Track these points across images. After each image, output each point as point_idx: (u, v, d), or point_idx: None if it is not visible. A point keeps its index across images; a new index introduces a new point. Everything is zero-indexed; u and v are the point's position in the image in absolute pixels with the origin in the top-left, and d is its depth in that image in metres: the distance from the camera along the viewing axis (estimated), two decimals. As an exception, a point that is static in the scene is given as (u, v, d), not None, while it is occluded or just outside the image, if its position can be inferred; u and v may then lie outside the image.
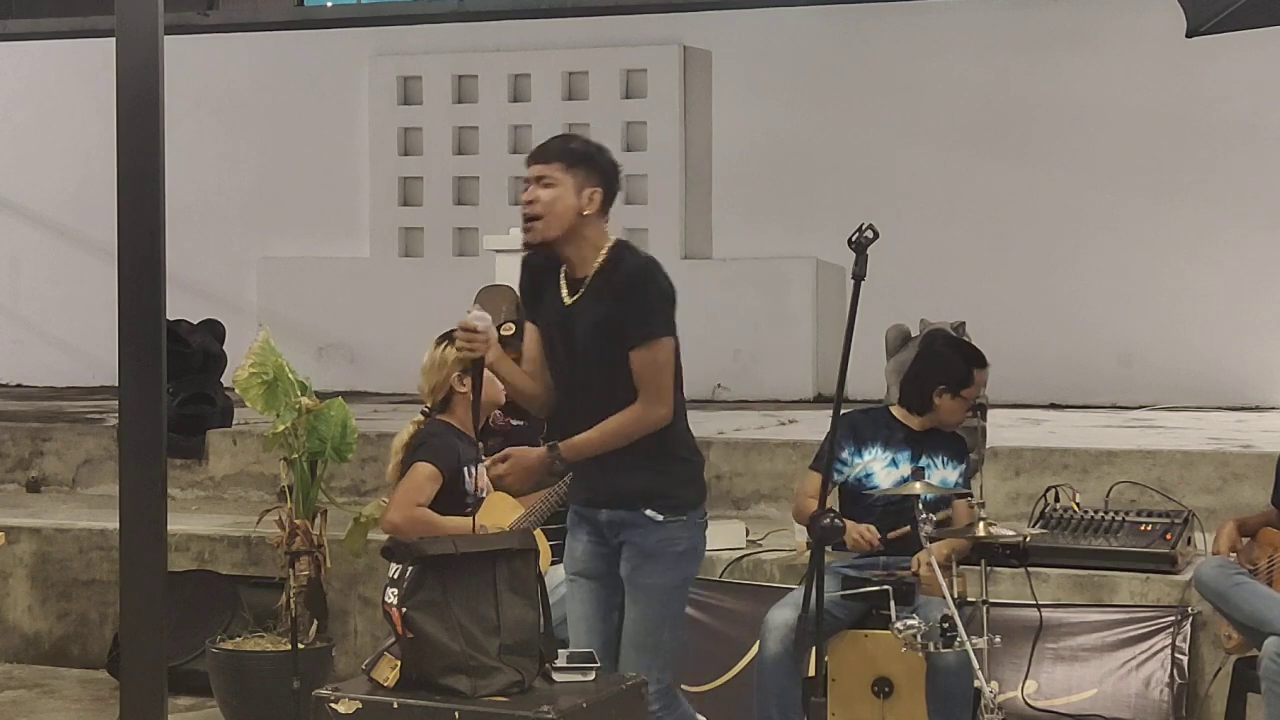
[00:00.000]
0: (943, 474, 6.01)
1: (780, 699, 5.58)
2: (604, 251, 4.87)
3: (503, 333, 6.61)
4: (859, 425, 6.04)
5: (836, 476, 5.90)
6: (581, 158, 4.87)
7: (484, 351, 4.79)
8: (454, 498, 5.96)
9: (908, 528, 5.64)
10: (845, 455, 5.97)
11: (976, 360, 6.13)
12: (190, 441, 8.97)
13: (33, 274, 13.57)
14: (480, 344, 4.79)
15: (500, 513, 6.25)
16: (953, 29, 11.63)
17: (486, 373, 4.92)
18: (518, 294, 9.11)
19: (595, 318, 4.78)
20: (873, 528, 5.82)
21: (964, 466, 6.09)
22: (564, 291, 4.89)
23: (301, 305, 12.61)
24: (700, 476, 5.01)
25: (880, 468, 5.99)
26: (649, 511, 4.83)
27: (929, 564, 5.45)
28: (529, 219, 4.90)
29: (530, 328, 5.03)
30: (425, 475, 5.95)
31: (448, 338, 6.05)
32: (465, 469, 6.01)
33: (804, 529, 6.06)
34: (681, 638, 5.00)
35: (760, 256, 11.84)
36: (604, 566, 4.93)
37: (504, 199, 12.56)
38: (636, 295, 4.79)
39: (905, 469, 5.93)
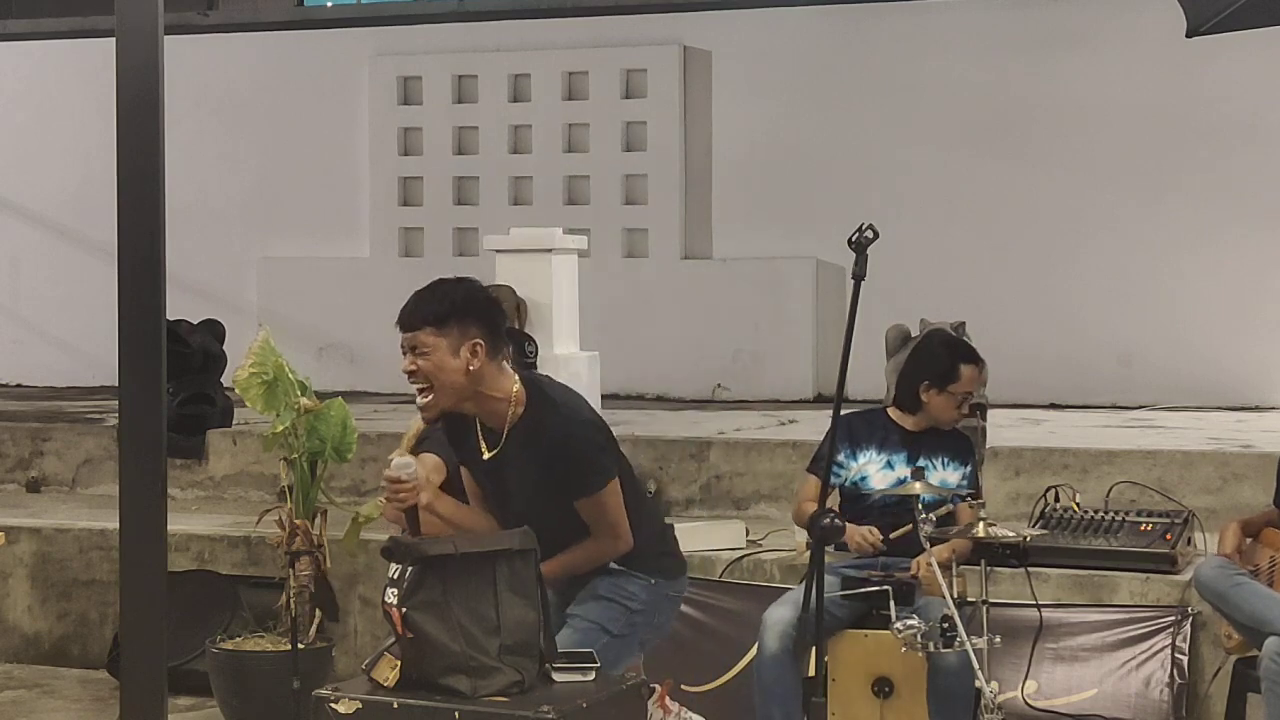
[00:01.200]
0: (942, 475, 5.99)
1: (780, 697, 5.58)
2: (514, 403, 4.62)
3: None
4: (855, 427, 6.02)
5: (834, 479, 5.89)
6: (448, 312, 4.57)
7: (414, 500, 4.58)
8: (455, 494, 5.95)
9: (909, 525, 5.63)
10: (841, 458, 5.96)
11: (963, 355, 6.07)
12: (190, 441, 8.97)
13: (33, 274, 13.58)
14: (409, 494, 4.57)
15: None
16: (953, 29, 11.63)
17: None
18: (517, 295, 9.18)
19: (525, 474, 4.65)
20: (875, 529, 5.80)
21: (967, 468, 6.05)
22: (482, 445, 4.69)
23: (301, 305, 12.61)
24: (673, 548, 4.94)
25: (875, 470, 5.97)
26: (613, 564, 4.79)
27: (929, 565, 5.44)
28: (419, 391, 4.62)
29: (464, 469, 4.85)
30: (430, 466, 5.91)
31: None
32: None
33: (804, 529, 6.06)
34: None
35: (760, 256, 11.84)
36: (562, 601, 4.86)
37: (504, 199, 12.56)
38: (568, 458, 4.59)
39: (901, 471, 5.91)
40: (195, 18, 13.23)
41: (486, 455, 4.70)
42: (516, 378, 4.66)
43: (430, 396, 4.60)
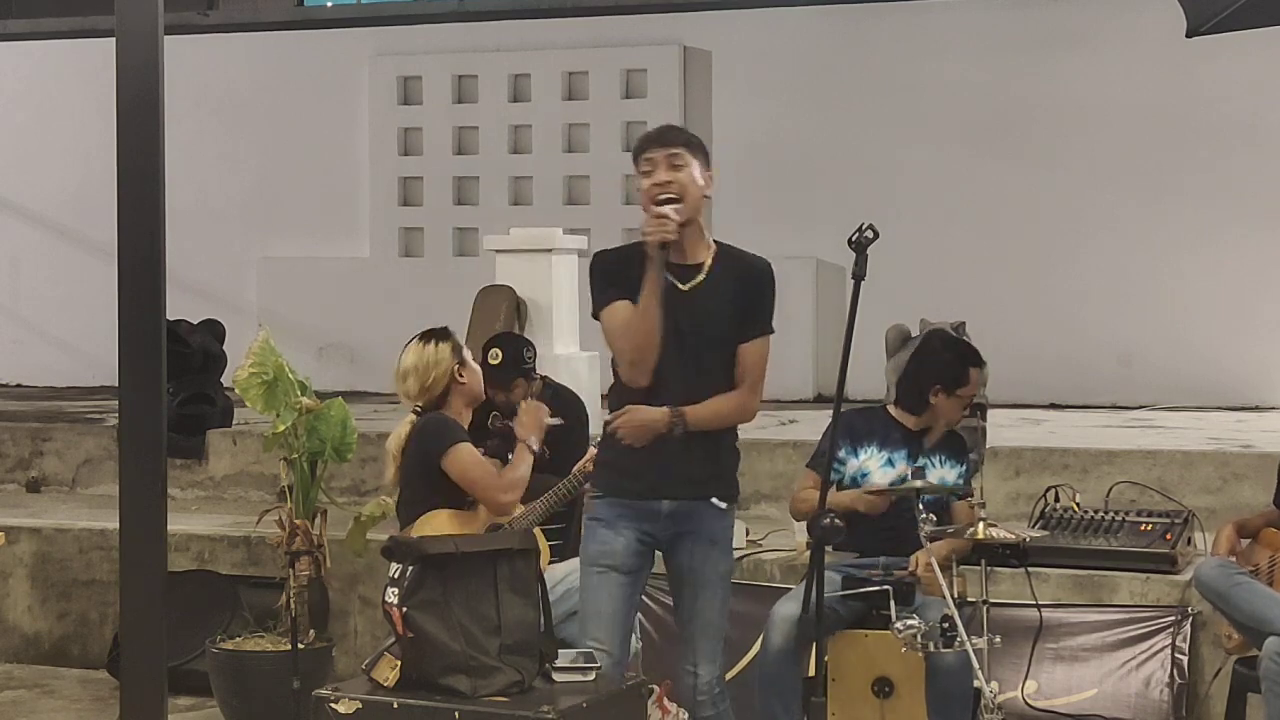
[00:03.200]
0: (940, 473, 6.00)
1: (783, 693, 5.58)
2: (710, 242, 4.99)
3: (490, 360, 6.61)
4: (855, 425, 6.03)
5: (833, 476, 5.89)
6: (699, 144, 4.96)
7: (674, 235, 4.81)
8: (456, 487, 5.95)
9: (915, 482, 5.64)
10: (842, 454, 5.96)
11: (972, 359, 6.11)
12: (190, 441, 8.97)
13: (33, 274, 13.58)
14: (672, 226, 4.80)
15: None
16: (953, 29, 11.64)
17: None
18: (517, 295, 9.17)
19: (718, 305, 4.88)
20: (875, 498, 5.82)
21: (963, 466, 6.08)
22: (673, 278, 4.87)
23: (301, 305, 12.61)
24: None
25: (876, 467, 5.98)
26: (714, 499, 4.93)
27: (929, 564, 5.44)
28: (667, 201, 4.83)
29: (622, 304, 4.88)
30: (474, 454, 5.93)
31: (432, 335, 6.06)
32: None
33: (804, 529, 6.06)
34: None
35: (760, 256, 11.82)
36: (640, 563, 4.94)
37: (504, 199, 12.57)
38: (762, 290, 4.98)
39: (902, 468, 5.92)
40: (195, 18, 13.23)
41: (684, 287, 4.89)
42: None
43: (680, 205, 4.83)
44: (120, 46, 5.51)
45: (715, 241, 5.01)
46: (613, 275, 4.93)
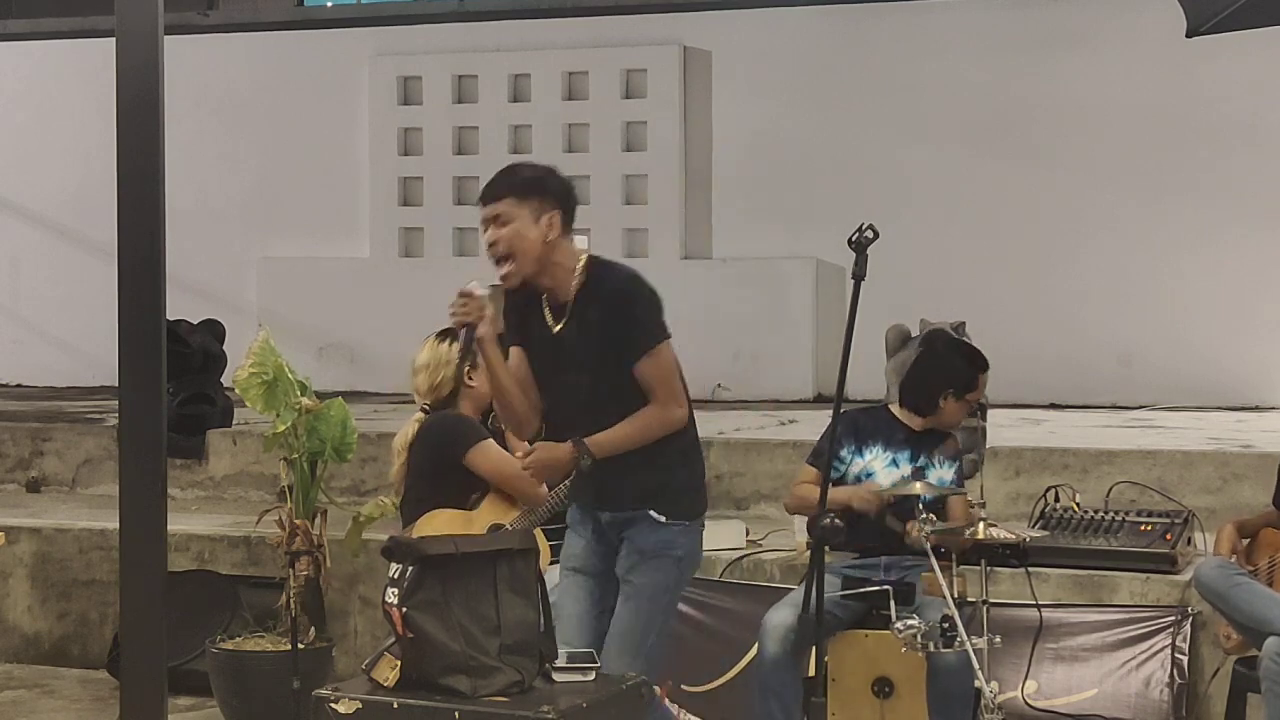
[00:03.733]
0: (940, 473, 6.03)
1: (781, 699, 5.58)
2: (578, 272, 4.84)
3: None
4: (860, 424, 6.05)
5: (834, 474, 5.90)
6: (530, 186, 4.82)
7: (476, 318, 4.74)
8: (462, 486, 5.96)
9: (915, 484, 5.66)
10: (845, 453, 5.98)
11: (980, 363, 6.15)
12: (190, 441, 8.97)
13: (33, 274, 13.57)
14: (474, 308, 4.74)
15: (501, 510, 6.24)
16: (953, 29, 11.63)
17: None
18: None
19: (588, 341, 4.78)
20: (871, 485, 5.84)
21: (957, 464, 6.11)
22: (548, 319, 4.85)
23: (301, 305, 12.61)
24: (702, 484, 5.03)
25: (881, 467, 6.00)
26: (652, 512, 4.85)
27: (918, 537, 5.47)
28: (498, 260, 4.80)
29: (515, 351, 4.95)
30: (499, 449, 5.95)
31: (448, 334, 6.04)
32: None
33: (804, 528, 6.07)
34: (662, 644, 4.98)
35: (760, 256, 11.84)
36: (601, 565, 4.96)
37: (504, 199, 12.55)
38: (626, 312, 4.79)
39: (905, 469, 5.94)
40: (195, 18, 13.22)
41: (556, 329, 4.83)
42: (585, 252, 4.88)
43: (511, 265, 4.77)
44: (120, 46, 5.51)
45: (587, 265, 4.85)
46: (508, 319, 4.95)
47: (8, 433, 9.56)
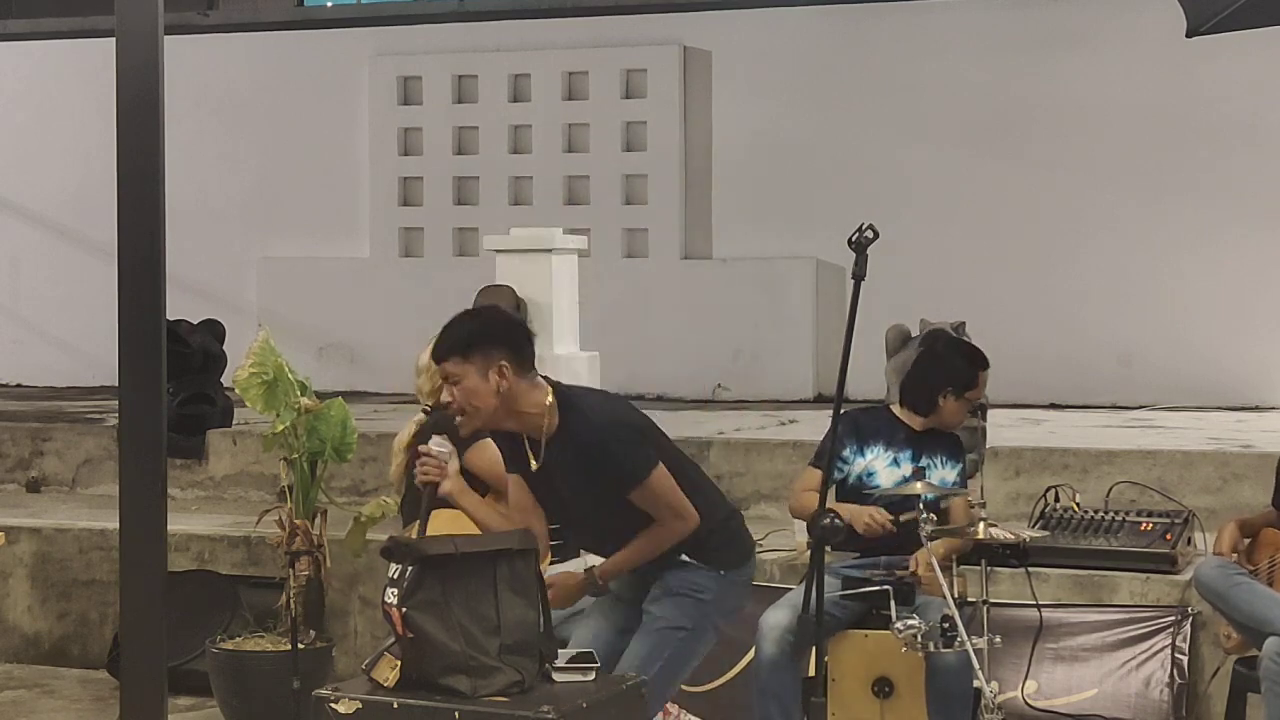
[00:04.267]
0: (941, 473, 6.02)
1: (779, 700, 5.58)
2: (546, 413, 4.74)
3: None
4: (861, 424, 6.04)
5: (836, 474, 5.90)
6: (471, 340, 4.70)
7: (438, 479, 4.84)
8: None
9: (916, 511, 5.64)
10: (847, 454, 5.97)
11: (980, 362, 6.14)
12: (190, 441, 8.97)
13: (33, 274, 13.58)
14: (434, 470, 4.84)
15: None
16: (953, 29, 11.63)
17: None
18: (517, 295, 9.16)
19: (573, 481, 4.78)
20: (881, 509, 5.81)
21: (960, 465, 6.10)
22: (530, 456, 4.83)
23: (301, 305, 12.61)
24: (739, 536, 5.03)
25: (883, 466, 6.00)
26: (684, 556, 4.89)
27: (929, 564, 5.44)
28: (457, 413, 4.78)
29: (514, 479, 4.95)
30: (495, 448, 6.01)
31: None
32: None
33: (804, 528, 6.06)
34: (672, 684, 4.99)
35: (760, 256, 11.84)
36: (635, 595, 4.98)
37: (504, 199, 12.57)
38: (605, 459, 4.73)
39: (907, 468, 5.93)
40: (195, 18, 13.23)
41: (534, 466, 4.83)
42: (550, 390, 4.78)
43: (464, 417, 4.76)
44: (120, 46, 5.51)
45: (555, 404, 4.74)
46: (500, 450, 4.98)
47: (8, 433, 9.56)
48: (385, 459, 6.86)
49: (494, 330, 4.76)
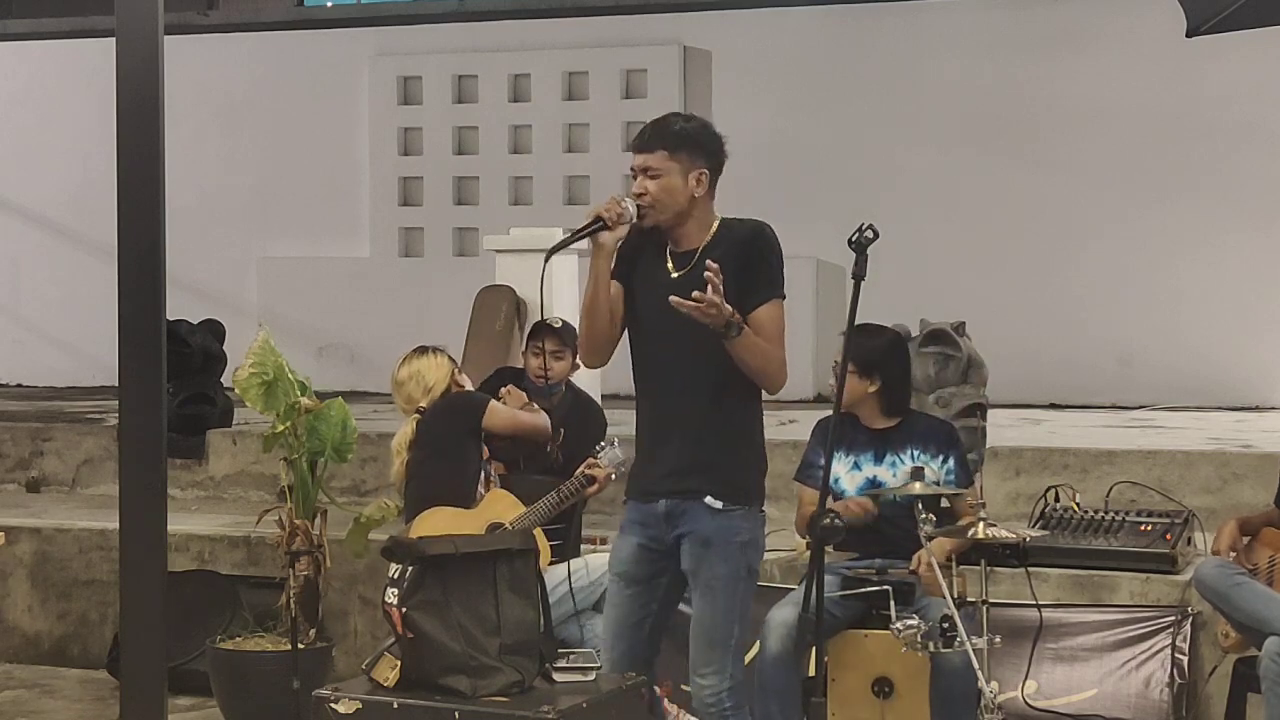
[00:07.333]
0: (931, 466, 5.94)
1: (781, 698, 5.57)
2: (712, 230, 4.83)
3: (552, 325, 6.70)
4: (828, 431, 5.96)
5: (816, 484, 5.80)
6: (683, 140, 4.77)
7: (612, 220, 4.71)
8: (465, 485, 5.97)
9: (883, 489, 5.60)
10: (821, 461, 5.90)
11: (870, 331, 5.98)
12: (190, 441, 8.97)
13: (33, 274, 13.58)
14: (614, 213, 4.71)
15: (501, 510, 6.25)
16: (953, 29, 11.63)
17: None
18: (517, 295, 9.16)
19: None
20: (865, 499, 5.76)
21: (953, 455, 5.89)
22: (669, 265, 4.82)
23: (301, 305, 12.60)
24: (759, 471, 4.96)
25: (844, 471, 5.92)
26: (708, 499, 4.77)
27: (929, 564, 5.43)
28: (640, 206, 4.77)
29: (615, 285, 4.90)
30: (505, 406, 6.33)
31: (429, 348, 6.43)
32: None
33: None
34: (747, 633, 4.92)
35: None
36: (648, 571, 4.86)
37: (504, 199, 12.56)
38: (753, 254, 4.78)
39: (870, 470, 5.88)
40: (195, 18, 13.23)
41: (675, 275, 4.79)
42: (718, 216, 4.85)
43: (650, 211, 4.75)
44: (120, 46, 5.51)
45: (721, 224, 4.85)
46: (622, 254, 4.90)
47: (8, 433, 9.56)
48: (385, 459, 6.86)
49: (704, 139, 4.82)
